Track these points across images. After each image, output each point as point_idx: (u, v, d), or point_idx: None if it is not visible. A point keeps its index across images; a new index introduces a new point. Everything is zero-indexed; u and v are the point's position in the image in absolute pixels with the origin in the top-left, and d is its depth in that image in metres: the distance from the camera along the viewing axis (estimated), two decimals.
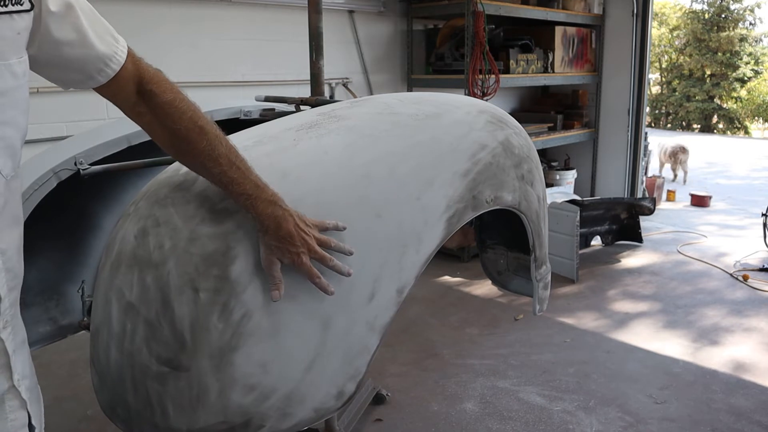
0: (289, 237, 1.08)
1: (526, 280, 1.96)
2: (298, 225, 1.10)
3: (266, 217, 1.08)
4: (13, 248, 0.94)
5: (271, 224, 1.08)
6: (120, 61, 1.01)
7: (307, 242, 1.10)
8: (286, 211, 1.09)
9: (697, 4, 18.72)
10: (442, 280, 4.40)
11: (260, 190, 1.08)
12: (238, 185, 1.07)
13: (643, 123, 5.87)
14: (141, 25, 3.48)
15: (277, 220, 1.08)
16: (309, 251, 1.11)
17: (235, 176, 1.07)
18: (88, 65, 0.98)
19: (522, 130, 1.73)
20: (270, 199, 1.08)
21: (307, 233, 1.11)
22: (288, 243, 1.08)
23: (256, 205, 1.07)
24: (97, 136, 1.96)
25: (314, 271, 1.11)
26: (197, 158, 1.08)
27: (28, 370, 1.00)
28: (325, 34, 2.19)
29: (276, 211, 1.08)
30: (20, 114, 0.91)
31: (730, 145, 13.77)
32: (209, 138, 1.06)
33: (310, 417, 1.17)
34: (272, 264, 1.09)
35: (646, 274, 4.49)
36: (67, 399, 2.81)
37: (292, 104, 2.21)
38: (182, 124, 1.05)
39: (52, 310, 2.05)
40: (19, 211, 0.96)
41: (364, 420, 2.64)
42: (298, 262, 1.10)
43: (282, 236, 1.08)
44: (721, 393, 2.84)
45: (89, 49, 0.97)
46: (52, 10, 0.92)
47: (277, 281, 1.09)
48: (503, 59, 4.92)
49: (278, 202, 1.09)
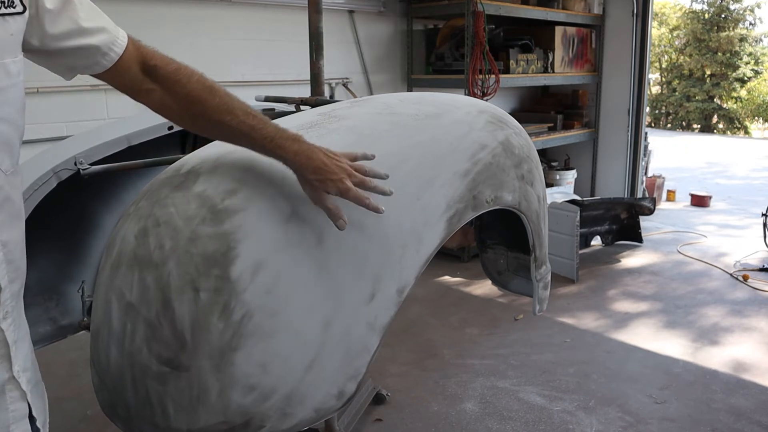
0: (324, 166, 1.09)
1: (526, 280, 1.96)
2: (328, 155, 1.11)
3: (295, 153, 1.09)
4: (15, 241, 0.96)
5: (302, 159, 1.09)
6: (122, 45, 1.05)
7: (344, 168, 1.12)
8: (312, 145, 1.11)
9: (697, 4, 18.72)
10: (442, 280, 4.40)
11: (281, 131, 1.10)
12: (259, 130, 1.09)
13: (643, 123, 5.87)
14: (141, 25, 3.48)
15: (307, 153, 1.09)
16: (349, 175, 1.12)
17: (254, 123, 1.09)
18: (91, 51, 1.02)
19: (522, 130, 1.73)
20: (293, 137, 1.10)
21: (339, 161, 1.12)
22: (326, 172, 1.10)
23: (282, 144, 1.09)
24: (97, 136, 1.96)
25: (362, 193, 1.12)
26: (214, 115, 1.10)
27: (29, 364, 1.01)
28: (325, 34, 2.19)
29: (302, 146, 1.10)
30: (16, 112, 0.94)
31: (730, 145, 13.76)
32: (221, 94, 1.09)
33: (310, 417, 1.17)
34: (323, 198, 1.11)
35: (646, 274, 4.49)
36: (67, 399, 2.81)
37: (292, 104, 2.21)
38: (192, 86, 1.08)
39: (52, 310, 2.05)
40: (20, 206, 0.98)
41: (364, 420, 2.64)
42: (343, 189, 1.10)
43: (317, 167, 1.09)
44: (721, 393, 2.84)
45: (91, 37, 1.01)
46: (49, 7, 0.95)
47: (336, 211, 1.11)
48: (503, 59, 4.92)
49: (301, 138, 1.11)
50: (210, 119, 1.11)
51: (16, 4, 0.90)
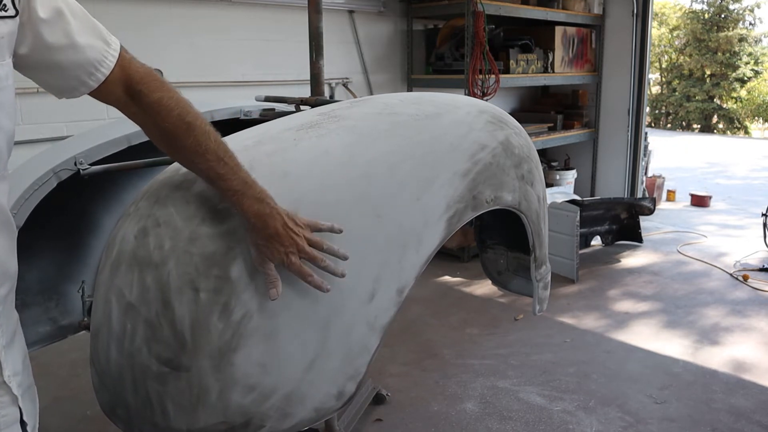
0: (276, 236, 1.07)
1: (526, 280, 1.96)
2: (287, 224, 1.08)
3: (252, 214, 1.07)
4: (2, 246, 0.95)
5: (258, 222, 1.07)
6: (110, 66, 1.01)
7: (295, 242, 1.09)
8: (274, 209, 1.08)
9: (697, 4, 18.73)
10: (442, 280, 4.40)
11: (248, 186, 1.07)
12: (225, 181, 1.06)
13: (643, 123, 5.86)
14: (141, 25, 3.48)
15: (264, 218, 1.07)
16: (298, 251, 1.09)
17: (222, 172, 1.06)
18: (78, 70, 0.98)
19: (522, 130, 1.73)
20: (257, 197, 1.07)
21: (296, 233, 1.09)
22: (275, 242, 1.07)
23: (242, 202, 1.06)
24: (97, 136, 1.96)
25: (305, 269, 1.10)
26: (185, 154, 1.08)
27: (20, 368, 1.00)
28: (325, 34, 2.19)
29: (263, 208, 1.07)
30: (5, 117, 0.92)
31: (730, 145, 13.75)
32: (196, 134, 1.05)
33: (310, 417, 1.17)
34: (264, 263, 1.09)
35: (646, 274, 4.48)
36: (67, 399, 2.81)
37: (292, 104, 2.20)
38: (169, 122, 1.04)
39: (52, 310, 2.05)
40: (7, 212, 0.97)
41: (364, 420, 2.64)
42: (286, 261, 1.08)
43: (269, 235, 1.07)
44: (721, 393, 2.84)
45: (80, 54, 0.97)
46: (42, 17, 0.92)
47: (273, 279, 1.08)
48: (503, 59, 4.92)
49: (266, 200, 1.08)
50: (182, 157, 1.10)
51: (8, 7, 0.88)
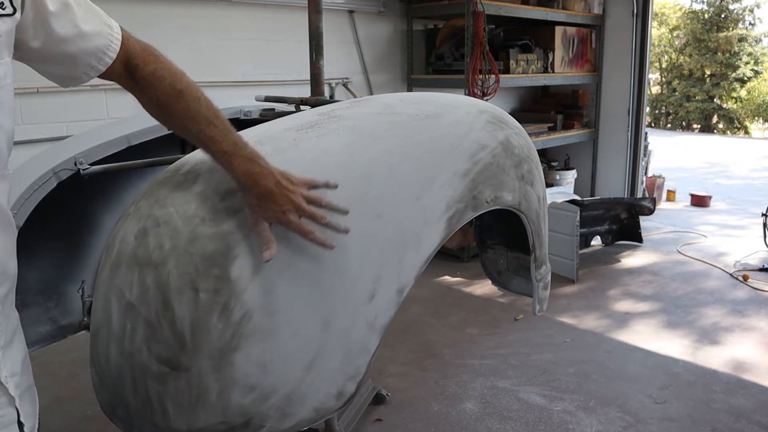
0: (269, 194, 1.06)
1: (526, 280, 1.96)
2: (280, 182, 1.07)
3: (242, 173, 1.06)
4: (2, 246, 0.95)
5: (248, 181, 1.06)
6: (116, 49, 1.05)
7: (291, 199, 1.07)
8: (265, 167, 1.07)
9: (697, 4, 18.73)
10: (442, 280, 4.40)
11: (238, 148, 1.07)
12: (216, 143, 1.06)
13: (643, 123, 5.86)
14: (141, 25, 3.48)
15: (254, 177, 1.06)
16: (296, 209, 1.08)
17: (212, 134, 1.06)
18: (89, 58, 1.02)
19: (522, 130, 1.73)
20: (247, 157, 1.07)
21: (291, 190, 1.08)
22: (269, 200, 1.06)
23: (232, 162, 1.06)
24: (97, 136, 1.96)
25: (304, 227, 1.09)
26: (177, 120, 1.09)
27: (18, 368, 1.00)
28: (325, 34, 2.19)
29: (253, 167, 1.06)
30: (5, 116, 0.93)
31: (730, 145, 13.75)
32: (187, 99, 1.06)
33: (310, 417, 1.17)
34: (258, 223, 1.08)
35: (646, 274, 4.48)
36: (67, 399, 2.81)
37: (292, 104, 2.21)
38: (161, 90, 1.06)
39: (52, 310, 2.05)
40: (7, 211, 0.97)
41: (364, 420, 2.64)
42: (284, 220, 1.07)
43: (261, 194, 1.06)
44: (721, 393, 2.84)
45: (89, 42, 1.01)
46: (51, 10, 0.95)
47: (266, 240, 1.07)
48: (503, 59, 4.92)
49: (256, 159, 1.07)
50: (174, 123, 1.11)
51: (6, 5, 0.89)
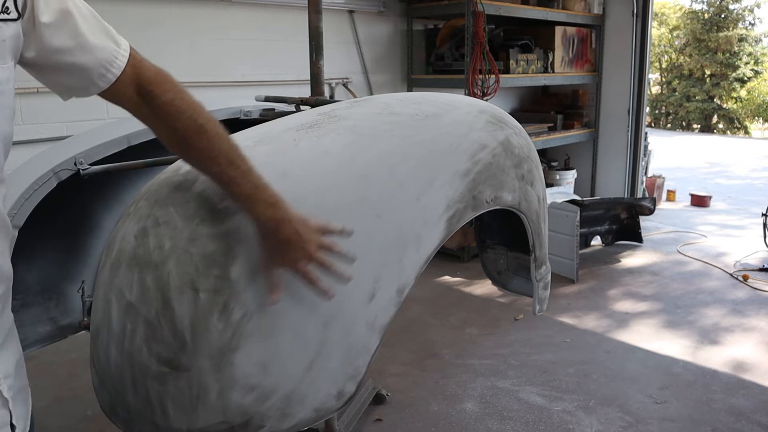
0: (288, 242, 1.06)
1: (526, 280, 1.96)
2: (298, 231, 1.07)
3: (265, 219, 1.05)
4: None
5: (270, 227, 1.06)
6: (121, 66, 1.00)
7: (305, 249, 1.08)
8: (287, 213, 1.07)
9: (697, 4, 18.71)
10: (442, 280, 4.40)
11: (260, 191, 1.05)
12: (236, 186, 1.04)
13: (643, 123, 5.86)
14: (141, 25, 3.48)
15: (276, 224, 1.06)
16: (309, 257, 1.09)
17: (234, 175, 1.04)
18: (89, 71, 0.98)
19: (522, 130, 1.73)
20: (269, 201, 1.06)
21: (306, 240, 1.08)
22: (286, 248, 1.07)
23: (255, 207, 1.05)
24: (97, 136, 1.96)
25: (312, 276, 1.10)
26: (196, 157, 1.07)
27: (12, 370, 1.00)
28: (325, 34, 2.20)
29: (276, 213, 1.06)
30: (3, 120, 0.92)
31: (730, 145, 13.75)
32: (209, 137, 1.03)
33: (310, 417, 1.17)
34: (271, 268, 1.08)
35: (646, 274, 4.48)
36: (67, 399, 2.81)
37: (292, 104, 2.21)
38: (181, 123, 1.03)
39: (52, 310, 2.05)
40: (3, 215, 0.96)
41: (364, 420, 2.64)
42: (296, 268, 1.09)
43: (281, 240, 1.06)
44: (721, 393, 2.84)
45: (89, 55, 0.97)
46: (44, 21, 0.92)
47: (275, 285, 1.08)
48: (503, 59, 4.91)
49: (278, 205, 1.06)
50: (193, 159, 1.08)
51: (11, 10, 0.88)
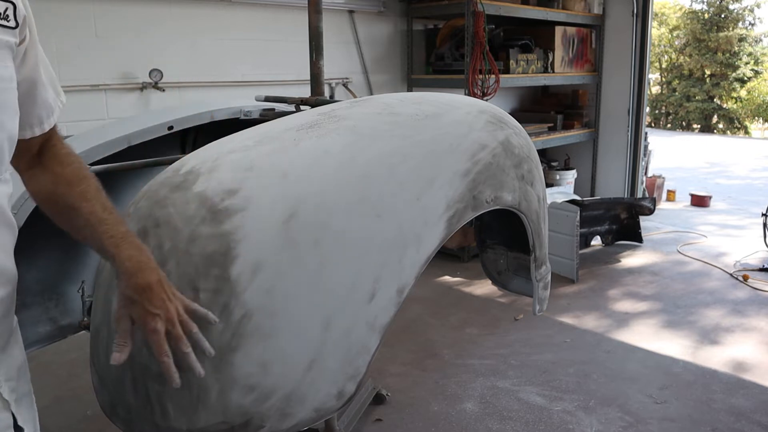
0: (148, 288, 0.96)
1: (526, 280, 1.96)
2: (161, 282, 0.98)
3: (128, 257, 0.96)
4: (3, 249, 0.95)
5: (131, 267, 0.96)
6: (57, 116, 1.05)
7: (166, 306, 0.96)
8: (152, 261, 1.00)
9: (697, 4, 18.72)
10: (442, 280, 4.40)
11: (128, 235, 1.00)
12: (106, 225, 0.99)
13: (643, 123, 5.86)
14: (141, 25, 3.48)
15: (139, 265, 0.96)
16: (167, 320, 0.96)
17: (105, 217, 1.00)
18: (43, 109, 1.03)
19: (522, 130, 1.73)
20: (136, 245, 0.99)
21: (169, 297, 0.98)
22: (145, 296, 0.95)
23: (120, 245, 0.97)
24: (97, 136, 1.96)
25: (162, 345, 0.96)
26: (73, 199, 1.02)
27: (14, 373, 1.00)
28: (325, 34, 2.20)
29: (140, 256, 0.98)
30: (8, 119, 0.92)
31: (730, 145, 13.75)
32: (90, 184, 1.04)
33: (310, 417, 1.17)
34: (122, 319, 0.97)
35: (646, 274, 4.48)
36: (67, 399, 2.81)
37: (292, 104, 2.21)
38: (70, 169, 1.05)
39: (52, 310, 2.05)
40: (8, 214, 0.96)
41: (364, 420, 2.64)
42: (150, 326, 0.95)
43: (140, 285, 0.95)
44: (721, 393, 2.84)
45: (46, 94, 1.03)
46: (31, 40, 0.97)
47: (122, 341, 0.96)
48: (503, 59, 4.92)
49: (145, 252, 1.00)
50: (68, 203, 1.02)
51: (11, 18, 0.91)
